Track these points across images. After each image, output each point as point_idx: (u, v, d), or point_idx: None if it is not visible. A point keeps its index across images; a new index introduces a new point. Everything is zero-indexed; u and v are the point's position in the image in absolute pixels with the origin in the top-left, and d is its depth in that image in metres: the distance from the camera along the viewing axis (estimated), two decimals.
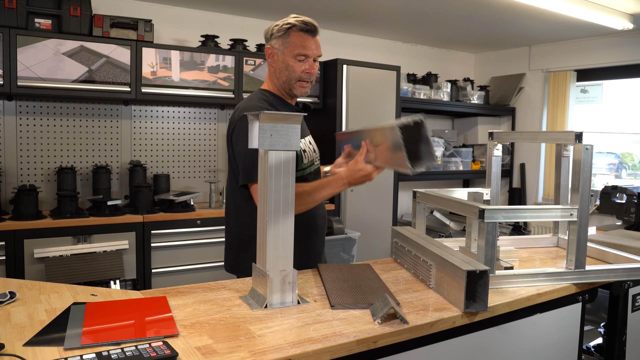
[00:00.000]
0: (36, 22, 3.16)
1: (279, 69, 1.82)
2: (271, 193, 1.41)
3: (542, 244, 2.36)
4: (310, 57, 1.79)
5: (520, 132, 2.21)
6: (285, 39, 1.78)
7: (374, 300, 1.46)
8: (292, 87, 1.82)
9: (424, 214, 2.09)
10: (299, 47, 1.77)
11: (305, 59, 1.78)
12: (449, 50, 5.74)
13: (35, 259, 3.03)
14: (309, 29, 1.77)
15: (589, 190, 1.74)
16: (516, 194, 5.48)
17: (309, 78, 1.81)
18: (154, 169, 3.92)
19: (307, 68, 1.79)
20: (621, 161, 5.19)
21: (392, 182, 4.43)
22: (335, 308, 1.44)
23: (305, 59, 1.78)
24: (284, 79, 1.81)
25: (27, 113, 3.46)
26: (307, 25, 1.77)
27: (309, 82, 1.83)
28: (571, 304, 1.80)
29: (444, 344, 1.44)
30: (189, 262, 3.52)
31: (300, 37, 1.77)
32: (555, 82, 5.15)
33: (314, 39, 1.79)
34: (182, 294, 1.53)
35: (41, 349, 1.13)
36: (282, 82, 1.83)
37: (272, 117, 1.38)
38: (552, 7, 3.59)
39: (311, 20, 1.78)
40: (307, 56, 1.78)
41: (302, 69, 1.79)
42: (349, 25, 4.63)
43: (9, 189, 3.33)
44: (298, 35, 1.77)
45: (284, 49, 1.78)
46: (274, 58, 1.82)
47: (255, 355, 1.13)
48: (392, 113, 4.38)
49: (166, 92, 3.57)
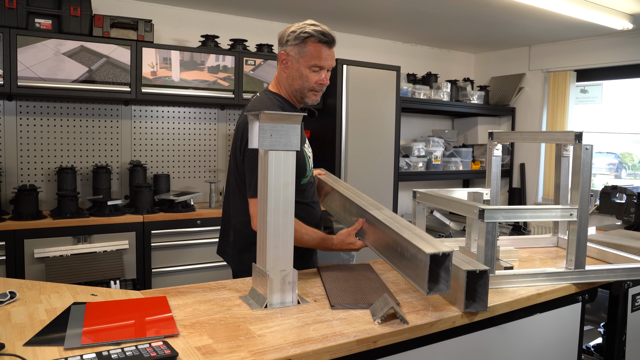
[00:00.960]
0: (36, 22, 3.16)
1: (292, 77, 1.81)
2: (271, 193, 1.42)
3: (542, 244, 2.36)
4: (325, 68, 1.79)
5: (520, 132, 2.21)
6: (302, 48, 1.76)
7: (374, 300, 1.47)
8: (305, 95, 1.82)
9: (424, 214, 2.09)
10: (316, 58, 1.75)
11: (319, 70, 1.78)
12: (448, 50, 5.74)
13: (35, 259, 3.03)
14: (327, 40, 1.75)
15: (589, 190, 1.75)
16: (516, 194, 5.48)
17: (322, 89, 1.82)
18: (154, 169, 3.93)
19: (321, 79, 1.79)
20: (621, 161, 5.19)
21: (392, 182, 4.43)
22: (335, 308, 1.44)
23: (320, 70, 1.78)
24: (297, 87, 1.81)
25: (27, 113, 3.46)
26: (326, 36, 1.75)
27: (321, 92, 1.84)
28: (571, 304, 1.80)
29: (444, 344, 1.44)
30: (189, 262, 3.52)
31: (317, 48, 1.75)
32: (555, 82, 5.15)
33: (330, 51, 1.78)
34: (182, 294, 1.54)
35: (41, 349, 1.13)
36: (294, 90, 1.83)
37: (272, 117, 1.39)
38: (552, 7, 3.59)
39: (329, 31, 1.76)
40: (322, 67, 1.78)
41: (316, 79, 1.78)
42: (349, 25, 4.63)
43: (9, 189, 3.33)
44: (315, 45, 1.75)
45: (300, 57, 1.77)
46: (287, 65, 1.81)
47: (255, 355, 1.13)
48: (392, 113, 4.39)
49: (166, 92, 3.57)
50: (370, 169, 4.27)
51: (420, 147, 4.98)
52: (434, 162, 5.04)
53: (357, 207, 1.80)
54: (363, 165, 4.22)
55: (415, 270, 1.40)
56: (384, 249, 1.62)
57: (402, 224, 1.58)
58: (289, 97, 1.87)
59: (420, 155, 4.95)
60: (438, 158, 5.07)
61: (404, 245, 1.47)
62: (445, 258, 1.36)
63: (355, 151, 4.16)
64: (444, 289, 1.37)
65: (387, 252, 1.60)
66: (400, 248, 1.50)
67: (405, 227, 1.55)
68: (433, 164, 5.03)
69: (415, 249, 1.40)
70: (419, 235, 1.47)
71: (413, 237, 1.46)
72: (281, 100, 1.85)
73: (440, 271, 1.38)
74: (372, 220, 1.69)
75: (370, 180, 4.27)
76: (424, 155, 4.99)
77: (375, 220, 1.65)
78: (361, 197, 1.88)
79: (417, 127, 5.53)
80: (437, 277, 1.38)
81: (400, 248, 1.50)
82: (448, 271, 1.37)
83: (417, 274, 1.39)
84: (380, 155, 4.35)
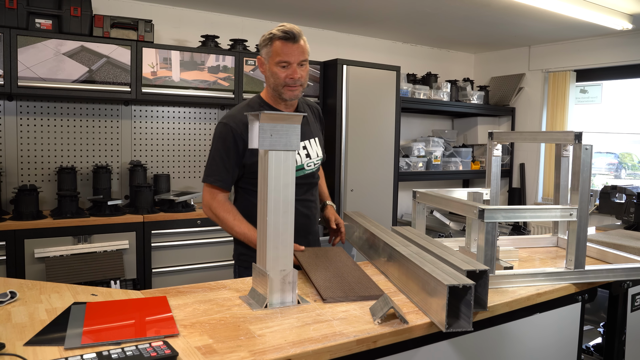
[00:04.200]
0: (36, 22, 3.16)
1: (267, 77, 1.94)
2: (271, 193, 1.42)
3: (542, 244, 2.36)
4: (293, 62, 1.87)
5: (520, 132, 2.21)
6: (269, 49, 1.88)
7: (362, 293, 1.50)
8: (280, 92, 1.91)
9: (424, 214, 2.09)
10: (280, 54, 1.86)
11: (287, 65, 1.87)
12: (448, 51, 5.74)
13: (35, 258, 3.03)
14: (288, 36, 1.84)
15: (589, 190, 1.75)
16: (516, 194, 5.48)
17: (294, 83, 1.89)
18: (154, 169, 3.93)
19: (290, 73, 1.87)
20: (620, 161, 5.19)
21: (392, 182, 4.43)
22: (327, 302, 1.46)
23: (287, 65, 1.86)
24: (272, 86, 1.93)
25: (28, 113, 3.46)
26: (287, 33, 1.84)
27: (298, 86, 1.91)
28: (571, 303, 1.80)
29: (443, 343, 1.44)
30: (189, 262, 3.52)
31: (281, 45, 1.85)
32: (555, 82, 5.15)
33: (295, 45, 1.86)
34: (182, 294, 1.54)
35: (42, 349, 1.13)
36: (272, 89, 1.94)
37: (272, 117, 1.39)
38: (552, 7, 3.59)
39: (292, 27, 1.85)
40: (288, 62, 1.86)
41: (284, 74, 1.87)
42: (349, 25, 4.63)
43: (9, 189, 3.33)
44: (279, 43, 1.85)
45: (269, 57, 1.89)
46: (263, 67, 1.94)
47: (255, 355, 1.14)
48: (392, 113, 4.39)
49: (166, 92, 3.57)
50: (370, 169, 4.27)
51: (420, 147, 4.98)
52: (434, 162, 5.04)
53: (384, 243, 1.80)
54: (363, 165, 4.22)
55: (435, 304, 1.34)
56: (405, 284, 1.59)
57: (426, 258, 1.55)
58: (270, 98, 1.98)
59: (420, 155, 4.96)
60: (438, 158, 5.07)
61: (425, 279, 1.42)
62: (466, 291, 1.30)
63: (355, 151, 4.16)
64: (465, 326, 1.30)
65: (408, 288, 1.57)
66: (421, 282, 1.45)
67: (429, 261, 1.51)
68: (433, 164, 5.03)
69: (434, 281, 1.34)
70: (441, 269, 1.41)
71: (434, 270, 1.40)
72: (259, 101, 1.99)
73: (460, 305, 1.33)
74: (395, 256, 1.68)
75: (370, 180, 4.27)
76: (424, 155, 4.99)
77: (400, 256, 1.63)
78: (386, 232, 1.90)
79: (417, 127, 5.54)
80: (458, 312, 1.34)
81: (421, 282, 1.45)
82: (469, 306, 1.30)
83: (436, 309, 1.33)
84: (380, 155, 4.35)
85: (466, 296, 1.31)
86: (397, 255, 1.65)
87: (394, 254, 1.68)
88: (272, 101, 1.98)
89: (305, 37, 1.90)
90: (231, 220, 1.89)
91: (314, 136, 2.06)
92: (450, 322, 1.31)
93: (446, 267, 1.45)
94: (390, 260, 1.72)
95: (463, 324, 1.31)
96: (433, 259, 1.55)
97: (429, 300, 1.39)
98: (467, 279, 1.34)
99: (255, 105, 1.97)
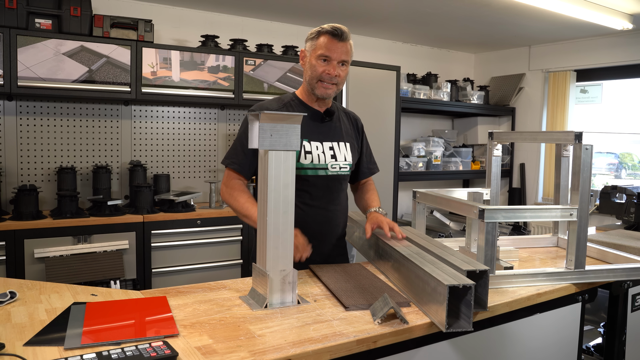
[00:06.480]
0: (36, 22, 3.16)
1: (306, 70, 1.92)
2: (271, 193, 1.42)
3: (542, 244, 2.36)
4: (334, 59, 1.85)
5: (520, 132, 2.21)
6: (314, 42, 1.87)
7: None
8: (314, 86, 1.89)
9: (424, 214, 2.09)
10: (323, 48, 1.85)
11: (328, 61, 1.85)
12: (448, 50, 5.74)
13: (35, 258, 3.03)
14: (336, 33, 1.84)
15: (589, 190, 1.75)
16: (516, 194, 5.48)
17: (330, 80, 1.86)
18: (154, 169, 3.93)
19: (328, 69, 1.85)
20: (621, 161, 5.19)
21: (392, 182, 4.43)
22: (350, 309, 1.43)
23: (328, 60, 1.85)
24: (307, 79, 1.91)
25: (28, 113, 3.46)
26: (336, 30, 1.84)
27: (333, 85, 1.88)
28: (571, 303, 1.80)
29: (443, 343, 1.44)
30: (189, 262, 3.52)
31: (327, 40, 1.85)
32: (555, 82, 5.15)
33: (341, 44, 1.85)
34: (182, 294, 1.54)
35: (41, 349, 1.13)
36: (307, 83, 1.92)
37: (272, 117, 1.39)
38: (552, 7, 3.59)
39: (341, 27, 1.85)
40: (329, 58, 1.85)
41: (322, 69, 1.85)
42: (349, 25, 4.59)
43: (9, 189, 3.33)
44: (325, 38, 1.85)
45: (311, 50, 1.88)
46: (304, 60, 1.93)
47: (255, 355, 1.13)
48: (392, 113, 4.39)
49: (166, 92, 3.57)
50: None
51: (420, 147, 4.98)
52: (434, 162, 5.04)
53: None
54: None
55: (435, 304, 1.34)
56: (405, 285, 1.58)
57: (427, 258, 1.54)
58: (304, 94, 1.96)
59: (420, 155, 4.95)
60: (438, 158, 5.07)
61: (425, 279, 1.42)
62: (466, 291, 1.30)
63: None
64: (465, 326, 1.30)
65: (409, 289, 1.56)
66: (422, 283, 1.44)
67: (429, 261, 1.50)
68: (433, 164, 5.03)
69: (435, 281, 1.34)
70: (442, 269, 1.41)
71: (434, 270, 1.40)
72: (294, 98, 1.96)
73: (461, 306, 1.33)
74: (396, 257, 1.67)
75: None
76: (424, 155, 4.99)
77: (401, 256, 1.62)
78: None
79: (417, 127, 5.53)
80: (458, 312, 1.34)
81: (422, 283, 1.44)
82: (469, 306, 1.30)
83: (436, 309, 1.33)
84: (380, 155, 4.33)
85: (466, 296, 1.31)
86: (397, 255, 1.65)
87: (394, 254, 1.68)
88: (306, 98, 1.96)
89: (352, 41, 1.90)
90: (242, 202, 1.84)
91: (345, 140, 2.01)
92: (451, 322, 1.31)
93: (446, 267, 1.44)
94: (391, 260, 1.72)
95: (463, 324, 1.32)
96: (433, 259, 1.55)
97: (429, 300, 1.39)
98: (467, 279, 1.34)
99: (287, 99, 1.95)
